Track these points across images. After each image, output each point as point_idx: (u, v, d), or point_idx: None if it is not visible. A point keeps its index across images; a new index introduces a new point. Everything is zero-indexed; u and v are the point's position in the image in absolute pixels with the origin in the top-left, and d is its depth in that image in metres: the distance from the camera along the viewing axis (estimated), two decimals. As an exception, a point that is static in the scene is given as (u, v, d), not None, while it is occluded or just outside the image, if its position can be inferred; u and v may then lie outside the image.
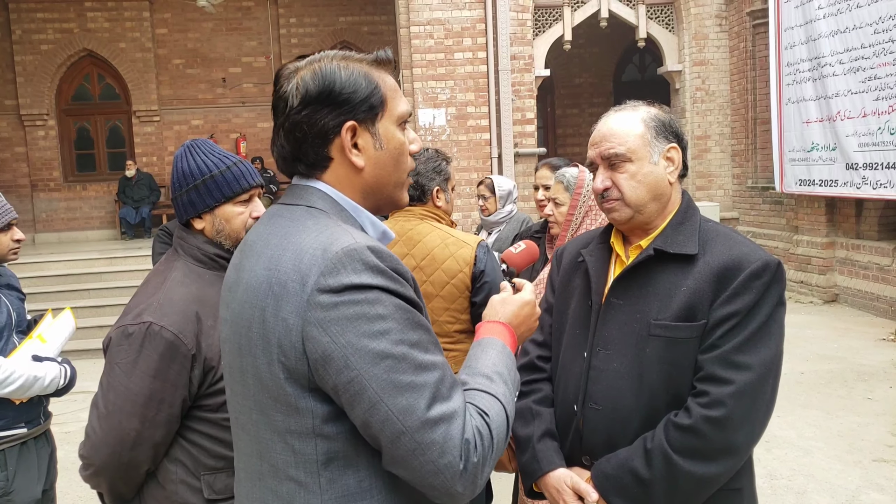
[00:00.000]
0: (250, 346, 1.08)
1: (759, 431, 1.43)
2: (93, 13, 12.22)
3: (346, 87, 1.12)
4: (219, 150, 1.77)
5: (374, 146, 1.15)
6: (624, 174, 1.51)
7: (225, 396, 1.24)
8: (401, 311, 1.03)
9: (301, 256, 1.05)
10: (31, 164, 12.27)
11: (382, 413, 1.00)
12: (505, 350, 1.21)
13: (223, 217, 1.73)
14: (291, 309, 1.03)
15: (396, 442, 1.00)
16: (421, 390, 1.01)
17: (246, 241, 1.20)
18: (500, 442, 1.08)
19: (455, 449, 1.00)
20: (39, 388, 2.30)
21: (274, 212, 1.19)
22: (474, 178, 8.63)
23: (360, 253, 1.03)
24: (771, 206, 9.61)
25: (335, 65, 1.13)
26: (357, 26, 12.72)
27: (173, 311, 1.60)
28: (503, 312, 1.29)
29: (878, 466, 3.98)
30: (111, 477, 1.61)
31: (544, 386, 1.66)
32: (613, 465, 1.46)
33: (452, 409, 1.02)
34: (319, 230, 1.08)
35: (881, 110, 7.12)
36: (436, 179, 2.46)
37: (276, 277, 1.05)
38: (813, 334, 6.79)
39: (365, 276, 1.02)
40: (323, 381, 1.03)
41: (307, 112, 1.11)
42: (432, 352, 1.05)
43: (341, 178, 1.16)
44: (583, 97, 13.78)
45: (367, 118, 1.14)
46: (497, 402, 1.10)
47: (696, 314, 1.43)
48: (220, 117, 12.85)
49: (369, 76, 1.15)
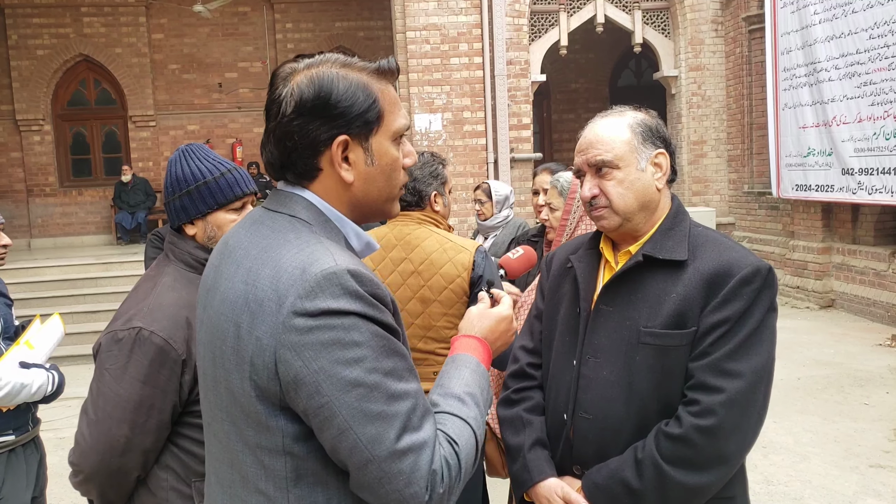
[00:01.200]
0: (223, 358, 1.07)
1: (750, 440, 1.41)
2: (89, 18, 12.21)
3: (342, 100, 1.08)
4: (213, 156, 1.75)
5: (364, 161, 1.12)
6: (611, 181, 1.49)
7: None
8: (377, 339, 1.01)
9: (279, 275, 1.02)
10: (27, 169, 12.24)
11: (351, 440, 0.99)
12: (479, 368, 1.19)
13: (215, 224, 1.72)
14: (266, 329, 1.01)
15: (363, 469, 1.00)
16: (391, 420, 1.00)
17: (227, 242, 1.16)
18: (468, 470, 1.07)
19: (422, 479, 1.00)
20: (27, 395, 2.27)
21: (256, 217, 1.16)
22: (470, 184, 8.63)
23: (339, 277, 1.01)
24: (767, 211, 9.62)
25: (334, 73, 1.09)
26: (353, 31, 12.73)
27: (163, 316, 1.59)
28: (479, 327, 1.27)
29: (875, 472, 3.96)
30: (101, 484, 1.60)
31: (535, 394, 1.64)
32: (604, 476, 1.44)
33: (422, 440, 1.01)
34: (300, 246, 1.05)
35: (877, 115, 7.13)
36: (433, 184, 2.45)
37: (252, 294, 1.03)
38: (809, 340, 6.78)
39: (343, 301, 1.00)
40: (294, 403, 1.02)
41: (299, 122, 1.07)
42: (406, 379, 1.04)
43: (329, 190, 1.13)
44: (579, 102, 13.80)
45: (362, 133, 1.10)
46: (467, 427, 1.09)
47: (686, 321, 1.41)
48: (216, 122, 12.84)
49: (368, 89, 1.10)
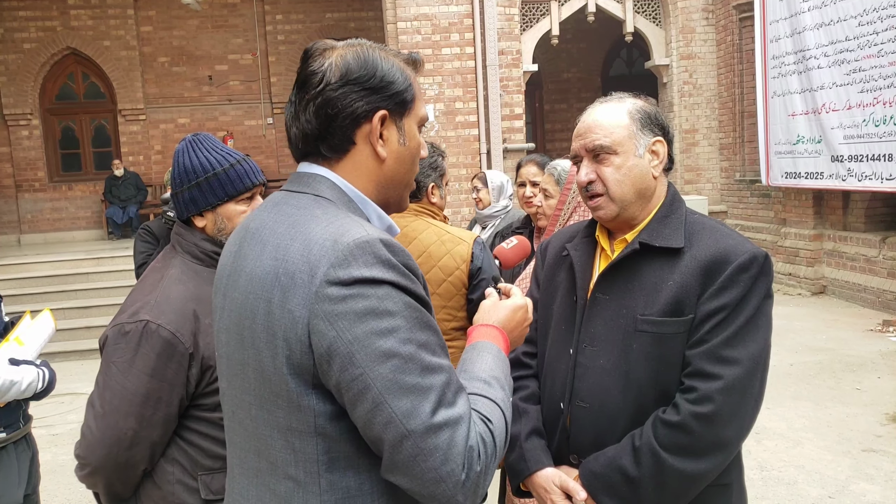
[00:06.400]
0: (254, 338, 1.05)
1: (748, 426, 1.42)
2: (76, 11, 12.09)
3: (386, 76, 1.11)
4: (221, 147, 1.73)
5: (398, 141, 1.14)
6: (609, 167, 1.48)
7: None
8: (410, 310, 1.00)
9: (310, 247, 1.01)
10: (16, 165, 12.14)
11: (385, 414, 0.96)
12: (500, 354, 1.18)
13: (225, 216, 1.70)
14: (299, 301, 0.99)
15: (398, 446, 0.96)
16: (426, 393, 0.97)
17: (247, 227, 1.15)
18: (501, 449, 1.05)
19: (458, 456, 0.97)
20: (16, 392, 2.25)
21: (279, 199, 1.14)
22: (464, 174, 8.62)
23: (371, 246, 1.00)
24: (759, 199, 9.65)
25: (377, 53, 1.13)
26: (344, 22, 12.65)
27: (170, 309, 1.58)
28: (496, 316, 1.26)
29: (868, 456, 4.00)
30: (107, 477, 1.59)
31: (531, 383, 1.64)
32: (601, 464, 1.44)
33: (458, 415, 0.98)
34: (329, 220, 1.04)
35: (866, 102, 7.15)
36: (431, 176, 2.44)
37: (283, 268, 1.02)
38: (801, 326, 6.82)
39: (376, 269, 0.99)
40: (327, 378, 1.00)
41: (344, 90, 1.09)
42: (439, 354, 1.02)
43: (359, 166, 1.13)
44: (571, 92, 13.78)
45: (398, 112, 1.13)
46: (497, 407, 1.07)
47: (683, 309, 1.41)
48: (206, 115, 12.75)
49: (405, 72, 1.15)
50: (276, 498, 1.06)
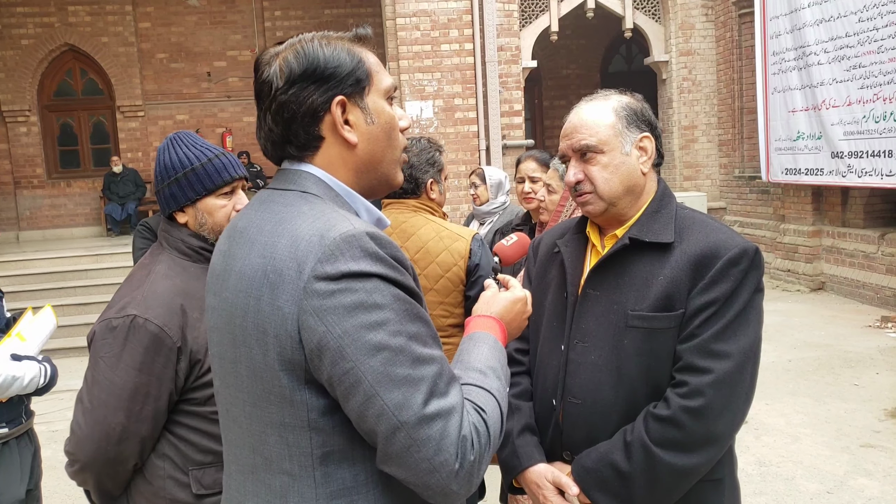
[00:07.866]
0: (244, 335, 1.05)
1: (739, 420, 1.41)
2: (74, 7, 12.05)
3: (329, 63, 1.10)
4: (201, 143, 1.74)
5: (365, 121, 1.13)
6: (596, 166, 1.48)
7: (212, 389, 1.21)
8: (399, 302, 1.00)
9: (297, 243, 1.01)
10: (14, 161, 12.11)
11: (377, 407, 0.96)
12: (497, 345, 1.18)
13: (205, 210, 1.71)
14: (287, 297, 0.99)
15: (391, 438, 0.97)
16: (418, 384, 0.98)
17: (235, 226, 1.16)
18: (496, 438, 1.05)
19: (451, 446, 0.97)
20: (18, 387, 2.26)
21: (265, 197, 1.15)
22: (462, 171, 8.61)
23: (358, 239, 1.00)
24: (758, 195, 9.65)
25: (316, 43, 1.12)
26: (343, 19, 12.62)
27: (158, 303, 1.58)
28: (495, 307, 1.27)
29: (866, 452, 4.01)
30: (97, 473, 1.59)
31: (523, 379, 1.64)
32: (593, 459, 1.44)
33: (450, 405, 0.99)
34: (316, 216, 1.04)
35: (866, 99, 7.15)
36: (429, 171, 2.44)
37: (271, 265, 1.02)
38: (800, 322, 6.83)
39: (364, 263, 0.99)
40: (318, 373, 1.00)
41: (294, 91, 1.09)
42: (430, 345, 1.02)
43: (334, 159, 1.13)
44: (570, 88, 13.76)
45: (355, 92, 1.12)
46: (492, 397, 1.07)
47: (673, 304, 1.41)
48: (205, 112, 12.73)
49: (351, 51, 1.13)
50: (272, 493, 1.07)
